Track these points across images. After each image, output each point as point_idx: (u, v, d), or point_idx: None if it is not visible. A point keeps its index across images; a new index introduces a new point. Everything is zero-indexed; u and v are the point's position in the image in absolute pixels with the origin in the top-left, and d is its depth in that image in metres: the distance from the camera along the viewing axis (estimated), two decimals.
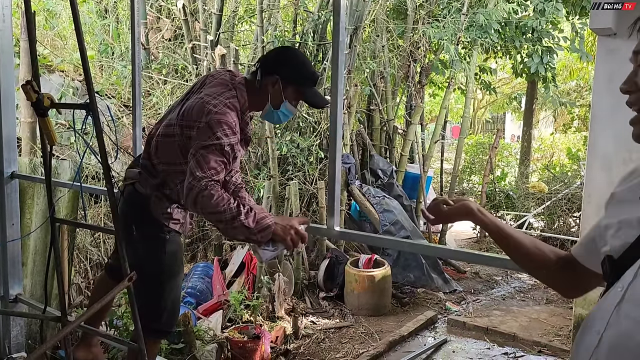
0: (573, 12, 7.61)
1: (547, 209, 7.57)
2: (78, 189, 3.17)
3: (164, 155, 2.14)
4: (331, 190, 2.13)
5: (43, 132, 2.25)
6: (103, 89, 5.49)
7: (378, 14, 6.72)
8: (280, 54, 2.18)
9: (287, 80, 2.06)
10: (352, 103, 6.14)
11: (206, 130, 1.93)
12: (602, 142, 3.85)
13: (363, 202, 5.91)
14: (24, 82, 2.09)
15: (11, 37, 3.60)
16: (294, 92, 2.08)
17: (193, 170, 1.89)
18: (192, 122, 2.00)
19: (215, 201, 1.84)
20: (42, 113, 2.17)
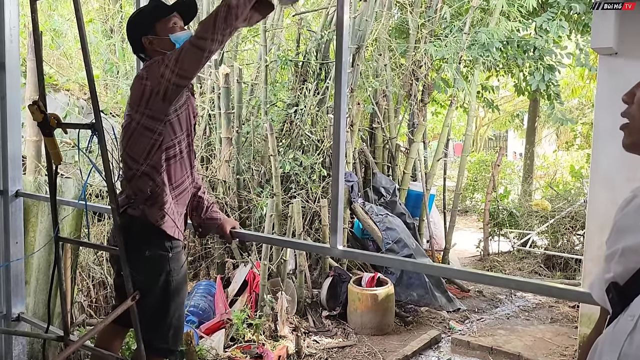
0: (575, 30, 7.67)
1: (550, 227, 7.54)
2: (82, 207, 3.18)
3: (132, 154, 2.14)
4: (334, 209, 2.13)
5: (49, 151, 2.27)
6: (107, 107, 5.54)
7: (380, 33, 6.78)
8: (128, 28, 2.23)
9: (150, 29, 2.13)
10: (355, 121, 6.17)
11: (152, 72, 2.03)
12: (605, 161, 3.86)
13: (366, 220, 5.91)
14: (31, 103, 2.12)
15: (18, 57, 3.64)
16: (163, 27, 2.14)
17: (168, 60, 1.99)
18: (136, 93, 2.07)
19: (205, 29, 1.90)
20: (48, 133, 2.19)
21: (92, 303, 4.54)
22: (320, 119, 6.15)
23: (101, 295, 4.64)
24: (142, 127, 2.06)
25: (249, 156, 5.97)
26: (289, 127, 6.26)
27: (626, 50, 3.71)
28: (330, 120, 5.99)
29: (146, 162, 2.09)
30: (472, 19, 6.74)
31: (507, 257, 7.74)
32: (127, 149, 2.13)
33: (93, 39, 6.51)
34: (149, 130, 2.06)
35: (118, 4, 7.02)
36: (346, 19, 2.11)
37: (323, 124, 6.16)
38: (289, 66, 6.43)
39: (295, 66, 6.45)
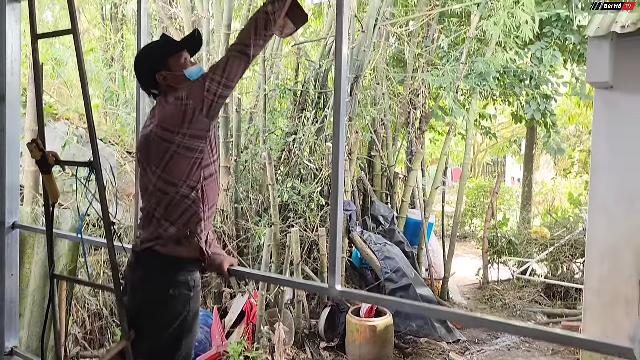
0: (571, 60, 7.76)
1: (550, 255, 7.51)
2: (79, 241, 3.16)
3: (170, 177, 2.09)
4: (332, 248, 2.12)
5: (47, 188, 2.27)
6: (107, 136, 5.56)
7: (378, 63, 6.86)
8: (139, 65, 2.24)
9: (163, 66, 2.15)
10: (354, 150, 6.19)
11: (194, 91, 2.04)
12: (603, 192, 3.87)
13: (364, 250, 5.88)
14: (30, 141, 2.13)
15: (19, 89, 3.67)
16: (176, 63, 2.17)
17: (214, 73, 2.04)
18: (177, 115, 2.05)
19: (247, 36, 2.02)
20: (46, 171, 2.20)
21: (87, 335, 4.48)
22: (319, 147, 6.18)
23: (96, 327, 4.58)
24: (183, 148, 2.05)
25: (248, 184, 5.97)
26: (288, 155, 6.28)
27: (621, 83, 3.74)
28: (329, 149, 6.01)
29: (186, 183, 2.07)
30: (468, 49, 6.81)
31: (507, 286, 7.68)
32: (164, 174, 2.08)
33: (94, 68, 6.58)
34: (190, 150, 2.06)
35: (119, 34, 7.11)
36: (345, 50, 2.13)
37: (321, 153, 6.18)
38: (288, 95, 6.49)
39: (294, 95, 6.50)
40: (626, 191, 3.79)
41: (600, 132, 3.89)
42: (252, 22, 2.03)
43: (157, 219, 2.10)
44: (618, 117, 3.80)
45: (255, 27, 2.01)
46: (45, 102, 5.48)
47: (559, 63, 7.18)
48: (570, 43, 7.02)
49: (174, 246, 2.09)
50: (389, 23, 6.94)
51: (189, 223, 2.09)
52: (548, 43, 7.03)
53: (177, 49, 2.18)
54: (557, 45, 7.03)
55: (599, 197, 3.90)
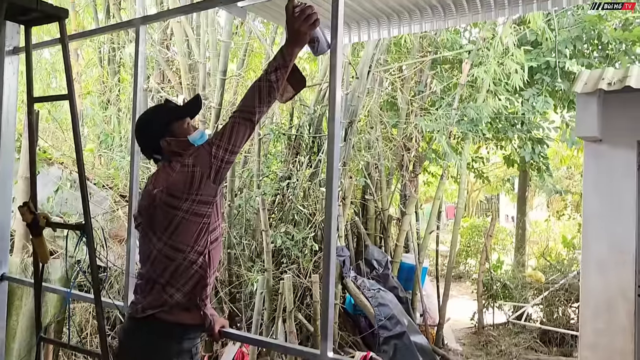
0: (561, 105, 7.89)
1: (545, 299, 7.47)
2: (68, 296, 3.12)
3: (177, 244, 2.05)
4: (324, 313, 2.10)
5: (36, 250, 2.26)
6: (100, 180, 5.56)
7: (372, 108, 6.94)
8: (142, 131, 2.23)
9: (167, 131, 2.16)
10: (347, 194, 6.20)
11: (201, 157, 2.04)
12: (595, 246, 3.88)
13: (358, 296, 5.82)
14: (21, 204, 2.12)
15: (13, 138, 3.68)
16: (179, 128, 2.18)
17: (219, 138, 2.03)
18: (184, 181, 2.03)
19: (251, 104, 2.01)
20: (36, 233, 2.19)
21: None
22: (313, 192, 6.19)
23: None
24: (191, 214, 2.04)
25: (241, 229, 5.95)
26: (282, 199, 6.28)
27: (609, 137, 3.81)
28: (323, 193, 6.03)
29: (194, 248, 2.04)
30: (460, 95, 6.93)
31: (503, 331, 7.61)
32: (170, 240, 2.05)
33: (89, 111, 6.63)
34: (198, 215, 2.04)
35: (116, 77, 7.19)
36: (338, 96, 2.16)
37: (315, 197, 6.18)
38: (282, 139, 6.53)
39: (289, 139, 6.55)
40: (617, 244, 3.81)
41: (590, 185, 3.93)
42: (255, 89, 2.03)
43: (161, 284, 2.06)
44: (606, 170, 3.84)
45: (259, 95, 2.02)
46: (40, 147, 5.50)
47: (549, 109, 7.30)
48: (560, 89, 7.14)
49: (180, 312, 2.05)
50: (382, 69, 7.06)
51: (195, 288, 2.07)
52: (539, 89, 7.16)
53: (181, 115, 2.20)
54: (547, 91, 7.15)
55: (591, 251, 3.91)
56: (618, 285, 3.80)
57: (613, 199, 3.80)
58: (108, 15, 8.00)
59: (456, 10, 3.23)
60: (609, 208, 3.83)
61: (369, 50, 6.47)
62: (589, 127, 3.74)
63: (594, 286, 3.91)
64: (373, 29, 3.68)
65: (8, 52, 3.50)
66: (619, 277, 3.80)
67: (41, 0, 2.00)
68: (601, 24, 7.09)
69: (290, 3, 2.01)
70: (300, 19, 2.00)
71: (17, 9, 1.96)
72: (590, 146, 3.91)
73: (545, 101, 7.04)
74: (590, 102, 3.72)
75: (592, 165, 3.93)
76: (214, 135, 2.06)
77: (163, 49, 7.32)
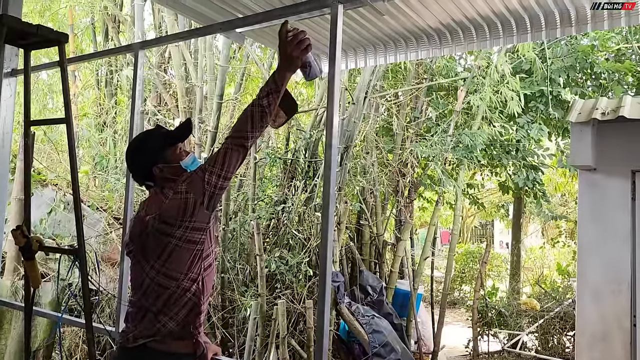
0: (555, 133, 7.95)
1: (540, 327, 7.41)
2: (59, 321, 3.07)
3: (170, 271, 2.01)
4: (319, 339, 2.08)
5: (28, 274, 2.23)
6: (94, 202, 5.53)
7: (368, 133, 6.98)
8: (134, 158, 2.20)
9: (159, 158, 2.12)
10: (342, 219, 6.19)
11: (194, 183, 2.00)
12: (590, 275, 3.87)
13: (352, 322, 5.76)
14: (15, 227, 2.10)
15: (8, 160, 3.68)
16: (172, 154, 2.15)
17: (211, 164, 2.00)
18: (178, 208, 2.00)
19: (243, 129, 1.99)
20: (28, 257, 2.16)
21: None
22: (308, 216, 6.17)
23: None
24: (184, 241, 1.99)
25: (235, 253, 5.91)
26: (276, 224, 6.26)
27: (604, 166, 3.83)
28: (318, 218, 6.01)
29: (187, 276, 2.00)
30: (455, 122, 6.98)
31: (498, 359, 7.53)
32: (164, 268, 2.00)
33: (85, 132, 6.63)
34: (192, 242, 2.00)
35: (113, 99, 7.21)
36: (336, 121, 2.17)
37: (310, 222, 6.16)
38: (278, 163, 6.54)
39: (284, 163, 6.56)
40: (612, 273, 3.80)
41: (585, 214, 3.94)
42: (247, 115, 2.02)
43: (153, 313, 2.01)
44: (601, 199, 3.86)
45: (251, 120, 2.01)
46: (34, 168, 5.48)
47: (544, 136, 7.36)
48: (554, 117, 7.22)
49: (172, 342, 2.00)
50: (378, 95, 7.12)
51: (188, 316, 2.02)
52: (533, 117, 7.23)
53: (173, 141, 2.17)
54: (541, 119, 7.22)
55: (586, 280, 3.90)
56: (614, 315, 3.78)
57: (608, 227, 3.81)
58: (106, 38, 8.07)
59: (452, 39, 3.29)
60: (603, 237, 3.84)
61: (366, 76, 6.54)
62: (584, 156, 3.77)
63: (589, 315, 3.89)
64: (370, 56, 3.73)
65: (6, 74, 3.52)
66: (614, 306, 3.79)
67: (41, 25, 2.01)
68: (594, 54, 7.21)
69: (283, 27, 2.02)
70: (292, 44, 2.01)
71: (17, 33, 1.97)
72: (585, 175, 3.93)
73: (540, 129, 7.10)
74: (584, 131, 3.76)
75: (587, 194, 3.95)
76: (206, 161, 2.04)
77: (160, 72, 7.37)
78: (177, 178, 2.10)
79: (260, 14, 2.65)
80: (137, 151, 2.19)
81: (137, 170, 2.18)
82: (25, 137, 2.22)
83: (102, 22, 8.17)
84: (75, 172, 2.01)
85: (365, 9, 2.92)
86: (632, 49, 7.36)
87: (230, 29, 2.83)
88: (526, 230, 14.43)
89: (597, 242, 3.89)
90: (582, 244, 3.98)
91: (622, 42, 7.44)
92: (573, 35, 7.05)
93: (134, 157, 2.19)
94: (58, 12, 8.82)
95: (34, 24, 1.95)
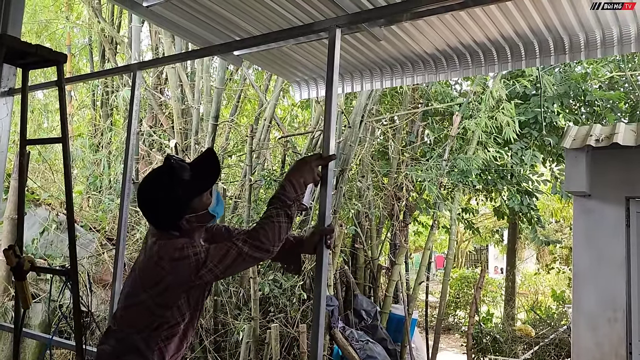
0: (549, 160, 8.00)
1: (535, 354, 7.35)
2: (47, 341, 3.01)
3: (126, 319, 1.89)
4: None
5: (18, 295, 2.19)
6: (87, 222, 5.49)
7: (364, 156, 7.00)
8: (152, 209, 1.91)
9: (188, 208, 1.86)
10: (337, 243, 6.16)
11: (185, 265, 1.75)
12: (586, 302, 3.85)
13: (346, 347, 5.69)
14: (6, 247, 2.08)
15: (2, 179, 3.65)
16: (200, 201, 1.89)
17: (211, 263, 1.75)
18: (151, 276, 1.82)
19: (264, 236, 1.78)
20: (20, 277, 2.13)
21: None
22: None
23: None
24: (145, 307, 1.82)
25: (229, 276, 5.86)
26: None
27: (598, 192, 3.85)
28: None
29: (139, 335, 1.83)
30: (451, 146, 7.01)
31: None
32: (122, 312, 1.87)
33: (79, 152, 6.61)
34: (152, 313, 1.83)
35: (109, 120, 7.22)
36: (333, 143, 2.16)
37: None
38: (273, 185, 6.53)
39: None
40: (608, 300, 3.78)
41: (579, 240, 3.94)
42: (273, 224, 1.79)
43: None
44: (596, 225, 3.86)
45: (279, 231, 1.79)
46: (28, 187, 5.44)
47: (538, 162, 7.40)
48: (549, 143, 7.27)
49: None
50: (374, 119, 7.16)
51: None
52: (527, 143, 7.28)
53: (207, 187, 1.91)
54: (535, 145, 7.27)
55: (582, 307, 3.88)
56: (610, 343, 3.75)
57: (603, 254, 3.81)
58: (103, 59, 8.11)
59: (447, 65, 3.32)
60: (598, 263, 3.83)
61: (362, 100, 6.59)
62: (578, 182, 3.79)
63: (585, 344, 3.86)
64: (366, 80, 3.75)
65: (3, 93, 3.52)
66: (610, 335, 3.76)
67: (40, 45, 2.02)
68: (587, 82, 7.30)
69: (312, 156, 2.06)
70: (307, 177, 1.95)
71: (16, 52, 1.98)
72: (580, 201, 3.94)
73: (534, 154, 7.14)
74: (578, 157, 3.78)
75: (582, 220, 3.95)
76: (209, 256, 1.76)
77: (157, 93, 7.40)
78: (202, 225, 1.93)
79: (258, 37, 2.68)
80: (162, 202, 1.86)
81: (159, 222, 1.89)
82: (21, 157, 2.21)
83: (99, 43, 8.22)
84: (70, 191, 2.00)
85: (362, 34, 2.95)
86: (625, 77, 7.47)
87: (228, 51, 2.85)
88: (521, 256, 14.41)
89: (592, 268, 3.88)
90: (577, 271, 3.97)
91: (616, 70, 7.54)
92: (567, 62, 7.17)
93: (159, 208, 1.88)
94: (55, 32, 8.88)
95: (33, 44, 1.96)
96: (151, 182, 1.93)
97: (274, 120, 6.99)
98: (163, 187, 1.86)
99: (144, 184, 1.93)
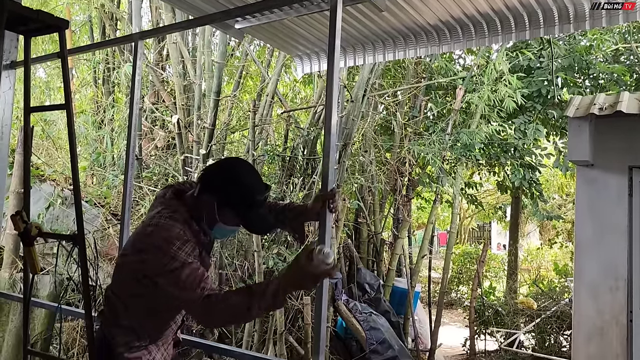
0: (553, 133, 7.97)
1: (537, 326, 7.42)
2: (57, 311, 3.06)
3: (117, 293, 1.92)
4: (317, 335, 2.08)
5: (27, 260, 2.23)
6: (92, 198, 5.52)
7: (367, 131, 6.99)
8: (219, 173, 1.93)
9: (222, 203, 1.86)
10: (340, 217, 6.19)
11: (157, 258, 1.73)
12: (587, 271, 3.88)
13: (349, 319, 5.77)
14: (14, 213, 2.10)
15: (7, 152, 3.67)
16: (230, 216, 1.89)
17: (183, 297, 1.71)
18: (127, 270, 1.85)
19: (221, 313, 1.68)
20: (27, 243, 2.16)
21: None
22: None
23: None
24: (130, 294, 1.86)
25: (233, 249, 5.90)
26: None
27: (601, 161, 3.85)
28: None
29: (128, 317, 1.88)
30: (454, 120, 6.99)
31: (494, 358, 7.54)
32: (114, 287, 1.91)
33: (82, 130, 6.62)
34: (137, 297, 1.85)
35: (111, 97, 7.20)
36: (334, 119, 2.17)
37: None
38: (276, 160, 6.54)
39: (283, 161, 6.56)
40: (610, 269, 3.81)
41: (582, 210, 3.95)
42: (274, 290, 1.66)
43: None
44: (599, 195, 3.87)
45: (274, 299, 1.65)
46: (33, 163, 5.47)
47: (541, 136, 7.37)
48: (552, 117, 7.23)
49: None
50: (377, 93, 7.13)
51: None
52: (531, 117, 7.24)
53: (243, 209, 1.89)
54: (539, 119, 7.23)
55: (584, 276, 3.91)
56: (611, 311, 3.79)
57: (605, 223, 3.82)
58: (104, 36, 8.06)
59: (450, 36, 3.29)
60: (601, 233, 3.85)
61: (364, 74, 6.55)
62: (581, 151, 3.78)
63: (586, 312, 3.90)
64: (368, 53, 3.73)
65: (5, 66, 3.52)
66: (611, 303, 3.80)
67: (41, 10, 2.01)
68: (592, 55, 7.22)
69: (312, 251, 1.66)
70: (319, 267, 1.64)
71: (17, 18, 1.97)
72: (583, 171, 3.94)
73: (537, 128, 7.10)
74: (582, 126, 3.77)
75: (585, 190, 3.96)
76: (182, 272, 1.70)
77: (158, 69, 7.37)
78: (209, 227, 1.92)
79: (258, 3, 2.64)
80: (226, 189, 1.86)
81: (206, 191, 1.88)
82: (26, 125, 2.22)
83: (100, 19, 8.17)
84: (75, 158, 2.01)
85: (364, 5, 2.92)
86: (631, 48, 7.39)
87: (227, 18, 2.84)
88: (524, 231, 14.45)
89: (595, 238, 3.90)
90: (580, 240, 3.99)
91: (621, 42, 7.46)
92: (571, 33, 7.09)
93: (223, 181, 1.88)
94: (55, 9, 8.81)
95: (34, 9, 1.95)
96: (244, 174, 1.93)
97: (276, 96, 6.97)
98: (243, 186, 1.88)
99: (237, 168, 1.96)
